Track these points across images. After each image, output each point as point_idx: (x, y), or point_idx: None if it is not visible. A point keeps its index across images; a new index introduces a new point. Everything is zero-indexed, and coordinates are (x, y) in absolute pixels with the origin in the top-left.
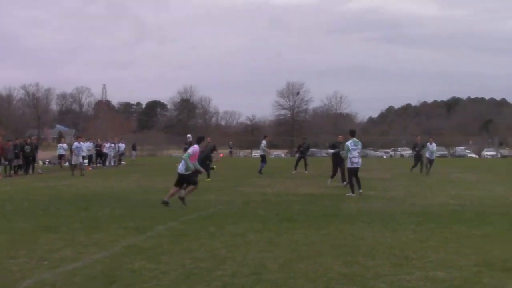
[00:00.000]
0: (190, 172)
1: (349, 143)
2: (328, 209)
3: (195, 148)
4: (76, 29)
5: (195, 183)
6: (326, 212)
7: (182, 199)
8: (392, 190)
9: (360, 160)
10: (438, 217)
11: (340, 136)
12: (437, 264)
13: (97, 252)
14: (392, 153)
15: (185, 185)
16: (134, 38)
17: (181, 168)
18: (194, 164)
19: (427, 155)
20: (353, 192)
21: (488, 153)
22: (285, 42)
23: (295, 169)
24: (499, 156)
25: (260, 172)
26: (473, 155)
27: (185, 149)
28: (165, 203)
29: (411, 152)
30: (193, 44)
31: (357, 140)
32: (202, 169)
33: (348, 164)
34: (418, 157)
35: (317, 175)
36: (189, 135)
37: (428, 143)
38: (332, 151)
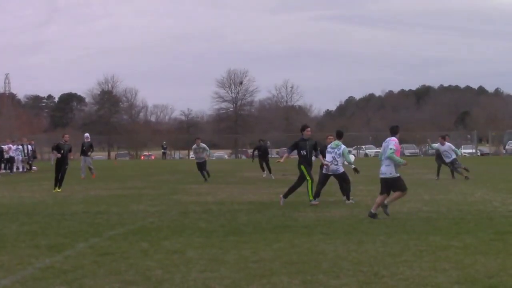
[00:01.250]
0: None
1: (329, 146)
2: (280, 219)
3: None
4: None
5: (404, 188)
6: (278, 223)
7: (385, 207)
8: (357, 196)
9: (333, 167)
10: (411, 227)
11: (330, 137)
12: (411, 282)
13: (3, 277)
14: (354, 152)
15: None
16: (43, 18)
17: (388, 171)
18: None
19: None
20: (315, 197)
21: (465, 150)
22: (224, 23)
23: (264, 171)
24: (478, 154)
25: (204, 176)
26: (353, 152)
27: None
28: (373, 216)
29: (378, 150)
30: (115, 25)
31: (338, 143)
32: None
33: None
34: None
35: (264, 179)
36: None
37: (438, 144)
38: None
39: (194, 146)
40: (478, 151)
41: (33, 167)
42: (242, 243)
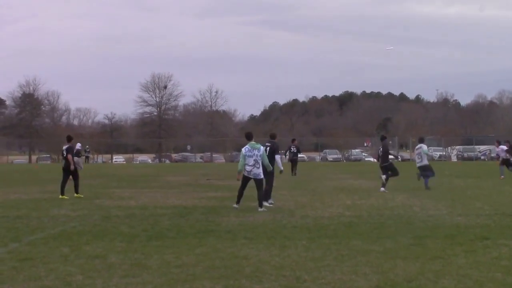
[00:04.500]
0: None
1: (244, 148)
2: (203, 224)
3: None
4: None
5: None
6: (201, 228)
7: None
8: (279, 201)
9: (255, 170)
10: (333, 231)
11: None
12: (333, 287)
13: None
14: (278, 157)
15: None
16: None
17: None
18: None
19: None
20: (237, 202)
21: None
22: (150, 26)
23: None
24: (399, 159)
25: None
26: (371, 159)
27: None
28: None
29: (302, 155)
30: (38, 26)
31: (255, 144)
32: None
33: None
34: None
35: (187, 183)
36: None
37: (503, 147)
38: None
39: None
40: (399, 157)
41: None
42: (164, 248)
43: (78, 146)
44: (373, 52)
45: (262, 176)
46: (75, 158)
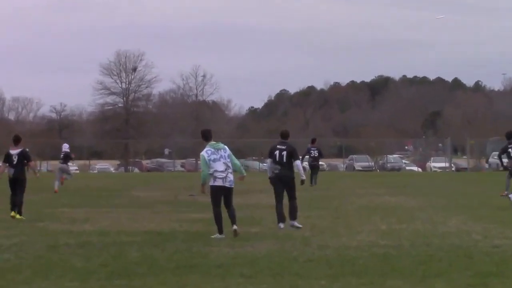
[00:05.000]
0: None
1: (204, 152)
2: (184, 256)
3: None
4: None
5: None
6: (182, 261)
7: None
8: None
9: (230, 176)
10: (362, 267)
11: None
12: None
13: None
14: (298, 162)
15: None
16: None
17: None
18: None
19: None
20: (220, 231)
21: (436, 164)
22: None
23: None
24: (453, 169)
25: None
26: (414, 168)
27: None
28: None
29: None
30: None
31: (216, 143)
32: None
33: (210, 182)
34: None
35: (163, 201)
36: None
37: None
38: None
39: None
40: (452, 165)
41: None
42: None
43: (66, 147)
44: (415, 24)
45: (233, 185)
46: (61, 166)
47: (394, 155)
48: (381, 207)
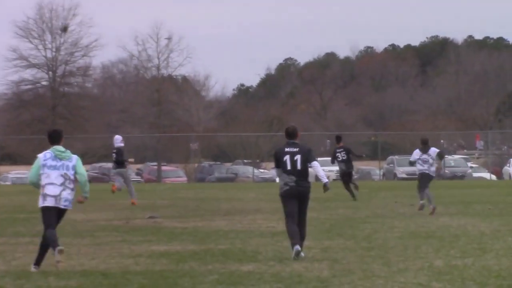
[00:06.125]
0: None
1: (44, 155)
2: None
3: None
4: None
5: None
6: None
7: None
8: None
9: (68, 194)
10: None
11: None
12: None
13: None
14: (316, 164)
15: None
16: None
17: None
18: None
19: None
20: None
21: None
22: None
23: None
24: None
25: None
26: (485, 174)
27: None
28: None
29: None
30: None
31: (64, 151)
32: None
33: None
34: None
35: (109, 226)
36: None
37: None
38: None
39: None
40: None
41: None
42: None
43: (119, 141)
44: None
45: (71, 207)
46: (115, 171)
47: (456, 156)
48: (436, 233)
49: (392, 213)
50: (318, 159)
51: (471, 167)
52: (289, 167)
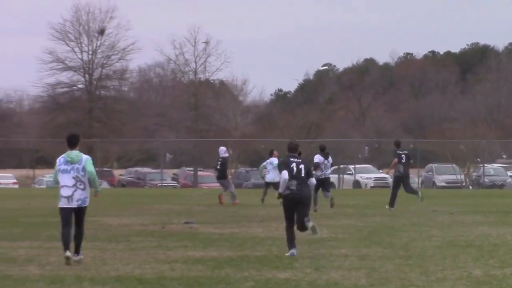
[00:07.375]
0: None
1: (59, 160)
2: None
3: None
4: None
5: None
6: None
7: None
8: (330, 269)
9: (82, 193)
10: None
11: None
12: None
13: None
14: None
15: None
16: None
17: None
18: None
19: None
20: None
21: None
22: None
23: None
24: None
25: None
26: None
27: None
28: None
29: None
30: None
31: (76, 153)
32: None
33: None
34: None
35: (145, 230)
36: None
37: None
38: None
39: None
40: None
41: None
42: None
43: (223, 151)
44: None
45: (87, 203)
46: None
47: (495, 165)
48: (475, 243)
49: (430, 222)
50: (356, 166)
51: (511, 176)
52: (294, 172)
